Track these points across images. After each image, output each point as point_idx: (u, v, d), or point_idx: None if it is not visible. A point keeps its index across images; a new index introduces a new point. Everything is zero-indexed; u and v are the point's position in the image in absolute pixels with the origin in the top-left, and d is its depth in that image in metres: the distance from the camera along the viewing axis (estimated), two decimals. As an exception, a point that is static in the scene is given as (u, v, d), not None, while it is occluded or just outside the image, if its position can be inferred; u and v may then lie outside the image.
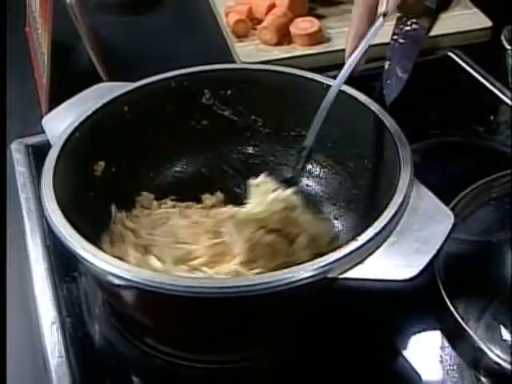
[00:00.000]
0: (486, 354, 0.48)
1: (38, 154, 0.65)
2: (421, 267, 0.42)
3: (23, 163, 0.65)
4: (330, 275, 0.41)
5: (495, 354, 0.48)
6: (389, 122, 0.51)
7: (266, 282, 0.41)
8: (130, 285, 0.42)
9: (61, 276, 0.54)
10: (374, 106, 0.54)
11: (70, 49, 0.77)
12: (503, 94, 0.73)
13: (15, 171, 0.64)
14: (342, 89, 0.55)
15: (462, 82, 0.76)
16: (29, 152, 0.66)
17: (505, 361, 0.47)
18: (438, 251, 0.43)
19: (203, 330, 0.46)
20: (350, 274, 0.42)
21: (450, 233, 0.44)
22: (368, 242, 0.42)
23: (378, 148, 0.52)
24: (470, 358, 0.48)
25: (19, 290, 0.54)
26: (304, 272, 0.41)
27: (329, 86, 0.55)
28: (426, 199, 0.46)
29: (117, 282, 0.43)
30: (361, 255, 0.42)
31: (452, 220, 0.45)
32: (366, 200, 0.52)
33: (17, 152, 0.66)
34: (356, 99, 0.54)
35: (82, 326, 0.51)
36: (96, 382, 0.48)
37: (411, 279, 0.41)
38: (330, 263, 0.41)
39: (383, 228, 0.43)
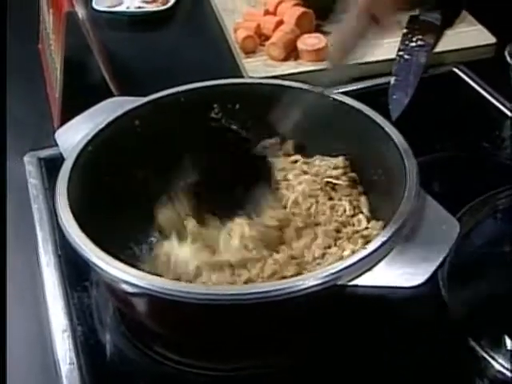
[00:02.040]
0: (490, 363, 0.48)
1: (49, 167, 0.67)
2: (427, 275, 0.42)
3: (36, 175, 0.66)
4: (339, 282, 0.42)
5: (499, 364, 0.48)
6: (395, 134, 0.52)
7: (277, 290, 0.41)
8: (143, 292, 0.43)
9: (72, 285, 0.55)
10: (380, 120, 0.55)
11: (81, 64, 0.78)
12: (507, 108, 0.74)
13: (28, 183, 0.66)
14: (348, 102, 0.57)
15: (467, 97, 0.77)
16: (41, 165, 0.68)
17: (509, 370, 0.48)
18: (444, 259, 0.43)
19: (213, 338, 0.46)
20: (359, 282, 0.43)
21: (455, 241, 0.45)
22: (376, 250, 0.43)
23: (384, 160, 0.53)
24: (474, 367, 0.49)
25: (31, 299, 0.55)
26: (314, 280, 0.42)
27: (335, 100, 0.56)
28: (432, 209, 0.47)
29: (130, 289, 0.44)
30: (369, 263, 0.43)
31: (458, 229, 0.46)
32: (374, 210, 0.53)
33: (29, 164, 0.68)
34: (362, 113, 0.55)
35: (93, 334, 0.52)
36: (107, 388, 0.49)
37: (418, 286, 0.42)
38: (340, 271, 0.42)
39: (391, 237, 0.44)
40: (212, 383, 0.49)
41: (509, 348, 0.49)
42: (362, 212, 0.54)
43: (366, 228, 0.52)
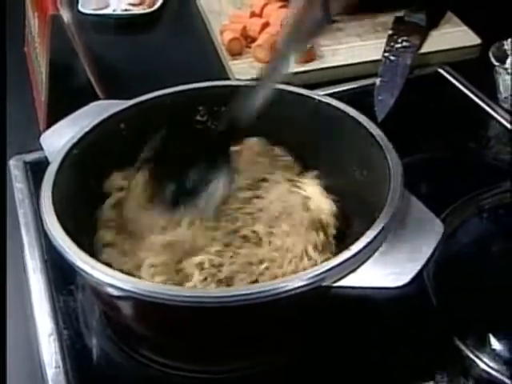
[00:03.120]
0: (475, 362, 0.49)
1: (35, 171, 0.67)
2: (412, 275, 0.43)
3: (21, 179, 0.66)
4: (324, 284, 0.42)
5: (484, 363, 0.48)
6: (379, 136, 0.53)
7: (262, 292, 0.42)
8: (128, 295, 0.43)
9: (58, 289, 0.55)
10: (364, 121, 0.55)
11: (67, 67, 0.78)
12: (492, 109, 0.74)
13: (13, 187, 0.66)
14: (334, 104, 0.57)
15: (452, 97, 0.77)
16: (27, 168, 0.67)
17: (494, 369, 0.48)
18: (429, 260, 0.44)
19: (199, 340, 0.46)
20: (344, 283, 0.43)
21: (439, 242, 0.45)
22: (360, 251, 0.43)
23: (369, 161, 0.53)
24: (460, 366, 0.49)
25: (18, 303, 0.55)
26: (299, 281, 0.42)
27: (320, 102, 0.56)
28: (416, 209, 0.47)
29: (115, 292, 0.43)
30: (354, 264, 0.43)
31: (441, 229, 0.46)
32: (358, 211, 0.53)
33: (15, 168, 0.67)
34: (347, 114, 0.55)
35: (79, 338, 0.52)
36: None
37: (402, 287, 0.42)
38: (324, 272, 0.42)
39: (375, 237, 0.44)
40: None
41: (493, 347, 0.50)
42: None
43: None
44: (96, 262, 0.44)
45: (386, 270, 0.43)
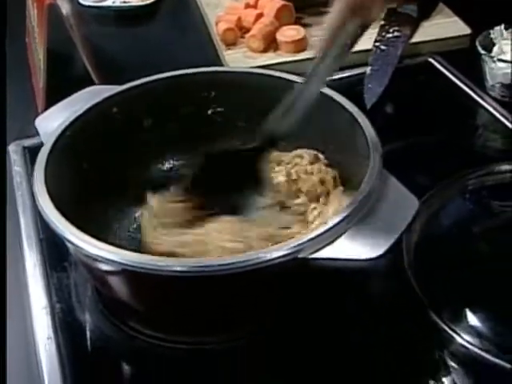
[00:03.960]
0: (451, 337, 0.50)
1: (33, 155, 0.68)
2: (385, 248, 0.44)
3: (20, 163, 0.68)
4: (300, 255, 0.44)
5: (461, 337, 0.50)
6: (361, 117, 0.54)
7: (241, 262, 0.44)
8: (115, 266, 0.45)
9: (52, 266, 0.57)
10: (345, 103, 0.57)
11: (65, 57, 0.80)
12: (480, 97, 0.76)
13: (12, 171, 0.68)
14: (331, 96, 0.59)
15: (441, 86, 0.79)
16: (25, 153, 0.70)
17: (470, 343, 0.50)
18: (402, 234, 0.45)
19: (183, 311, 0.48)
20: (320, 255, 0.45)
21: (414, 217, 0.47)
22: (337, 224, 0.45)
23: (350, 141, 0.55)
24: (436, 340, 0.51)
25: (13, 279, 0.57)
26: (276, 252, 0.44)
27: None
28: (393, 187, 0.49)
29: (102, 263, 0.46)
30: (330, 237, 0.45)
31: (416, 205, 0.48)
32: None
33: (14, 153, 0.70)
34: (329, 97, 0.57)
35: (71, 312, 0.54)
36: (83, 362, 0.51)
37: (376, 258, 0.44)
38: (301, 244, 0.44)
39: (351, 212, 0.46)
40: (184, 356, 0.51)
41: (470, 322, 0.51)
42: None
43: None
44: (84, 235, 0.46)
45: (360, 243, 0.45)
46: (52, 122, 0.57)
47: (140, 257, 0.45)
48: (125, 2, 0.94)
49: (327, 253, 0.45)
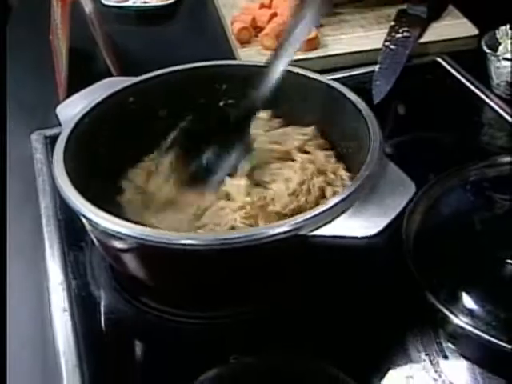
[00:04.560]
0: (447, 317, 0.52)
1: (54, 144, 0.72)
2: (380, 228, 0.47)
3: (41, 151, 0.72)
4: (301, 232, 0.47)
5: (456, 317, 0.52)
6: (362, 106, 0.57)
7: (244, 236, 0.46)
8: (128, 241, 0.48)
9: (70, 245, 0.61)
10: (351, 96, 0.59)
11: (86, 52, 0.84)
12: (486, 95, 0.78)
13: (34, 158, 0.71)
14: (324, 81, 0.62)
15: (448, 84, 0.81)
16: (46, 142, 0.73)
17: (465, 323, 0.52)
18: (397, 215, 0.48)
19: (189, 285, 0.51)
20: (319, 232, 0.47)
21: (410, 201, 0.50)
22: (336, 205, 0.48)
23: (355, 134, 0.57)
24: (432, 320, 0.53)
25: (33, 257, 0.60)
26: (277, 228, 0.47)
27: (311, 79, 0.61)
28: (392, 172, 0.52)
29: (117, 240, 0.49)
30: (329, 216, 0.48)
31: (413, 189, 0.50)
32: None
33: (36, 142, 0.74)
34: (331, 87, 0.60)
35: (86, 287, 0.57)
36: (96, 333, 0.54)
37: (371, 237, 0.47)
38: (301, 221, 0.47)
39: (351, 193, 0.49)
40: (192, 330, 0.54)
41: (465, 303, 0.53)
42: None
43: None
44: (100, 211, 0.49)
45: (357, 223, 0.48)
46: (72, 109, 0.61)
47: (153, 231, 0.48)
48: (145, 2, 0.98)
49: (326, 231, 0.47)
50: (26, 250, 0.61)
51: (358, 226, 0.47)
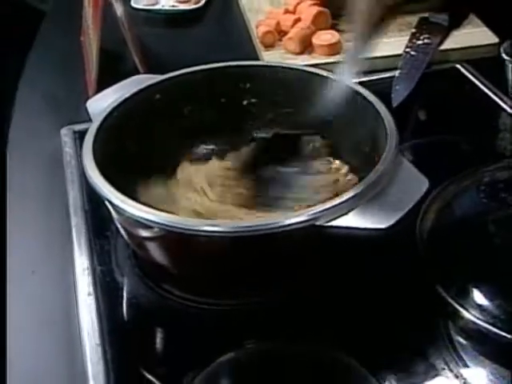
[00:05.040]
0: (457, 310, 0.54)
1: (82, 138, 0.74)
2: (393, 220, 0.49)
3: (70, 145, 0.75)
4: (317, 223, 0.49)
5: (467, 311, 0.54)
6: (378, 104, 0.59)
7: (264, 225, 0.49)
8: (154, 227, 0.51)
9: (95, 233, 0.63)
10: (369, 96, 0.61)
11: (116, 53, 0.87)
12: (504, 102, 0.79)
13: (63, 152, 0.74)
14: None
15: (467, 91, 0.83)
16: (75, 137, 0.76)
17: (476, 317, 0.53)
18: (410, 208, 0.50)
19: (209, 272, 0.54)
20: (335, 223, 0.49)
21: (423, 195, 0.51)
22: (351, 198, 0.50)
23: (368, 127, 0.59)
24: (442, 314, 0.54)
25: (60, 244, 0.63)
26: (295, 218, 0.49)
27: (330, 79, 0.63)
28: (406, 169, 0.54)
29: (143, 226, 0.51)
30: (344, 208, 0.50)
31: (427, 185, 0.52)
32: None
33: (66, 136, 0.76)
34: (356, 92, 0.62)
35: (110, 273, 0.59)
36: (119, 317, 0.56)
37: (384, 229, 0.48)
38: (318, 212, 0.49)
39: (365, 188, 0.51)
40: (211, 316, 0.56)
41: (475, 298, 0.55)
42: None
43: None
44: (126, 198, 0.51)
45: (371, 215, 0.50)
46: (101, 103, 0.64)
47: (177, 218, 0.51)
48: (173, 6, 1.01)
49: (341, 222, 0.49)
50: (54, 238, 0.64)
51: (371, 218, 0.49)
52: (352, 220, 0.49)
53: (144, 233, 0.54)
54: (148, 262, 0.58)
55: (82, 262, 0.60)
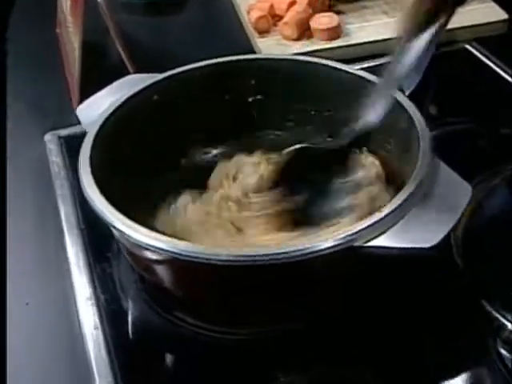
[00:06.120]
0: (504, 324, 0.49)
1: (69, 145, 0.69)
2: (440, 237, 0.44)
3: (56, 153, 0.68)
4: (355, 244, 0.43)
5: (514, 325, 0.49)
6: (408, 106, 0.53)
7: (294, 251, 0.43)
8: (165, 255, 0.45)
9: (95, 256, 0.57)
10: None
11: (98, 45, 0.80)
12: (521, 83, 0.74)
13: (49, 161, 0.67)
14: (365, 76, 0.58)
15: (480, 73, 0.77)
16: (61, 142, 0.69)
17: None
18: (457, 222, 0.45)
19: (229, 300, 0.48)
20: (374, 243, 0.44)
21: (469, 207, 0.46)
22: (390, 213, 0.45)
23: (397, 130, 0.54)
24: (488, 329, 0.50)
25: (56, 271, 0.56)
26: (331, 241, 0.43)
27: (340, 70, 0.58)
28: (445, 174, 0.48)
29: (152, 253, 0.45)
30: (384, 226, 0.44)
31: (470, 193, 0.47)
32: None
33: (50, 143, 0.69)
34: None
35: (115, 301, 0.53)
36: (129, 349, 0.51)
37: (432, 248, 0.43)
38: (356, 233, 0.44)
39: (405, 200, 0.45)
40: (227, 346, 0.50)
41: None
42: None
43: None
44: (133, 223, 0.45)
45: (414, 232, 0.44)
46: (93, 110, 0.57)
47: (188, 245, 0.45)
48: (155, -9, 0.94)
49: (381, 242, 0.44)
50: (48, 263, 0.57)
51: (415, 235, 0.44)
52: (393, 239, 0.44)
53: (152, 256, 0.48)
54: (156, 287, 0.52)
55: (83, 290, 0.54)
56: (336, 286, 0.49)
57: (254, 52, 0.81)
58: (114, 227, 0.46)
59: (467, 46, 0.80)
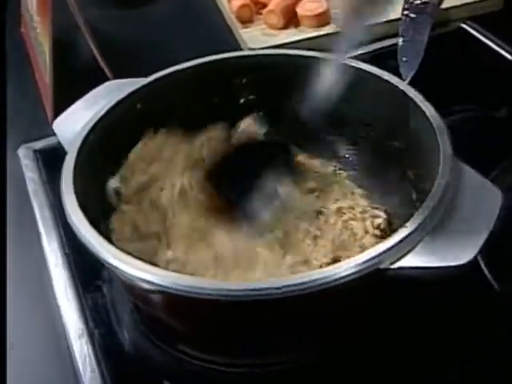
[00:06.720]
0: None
1: (46, 159, 0.63)
2: (474, 251, 0.39)
3: (33, 169, 0.62)
4: (382, 266, 0.39)
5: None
6: (424, 104, 0.49)
7: (314, 280, 0.38)
8: (164, 290, 0.39)
9: (84, 285, 0.52)
10: (401, 85, 0.51)
11: (72, 45, 0.74)
12: (522, 61, 0.70)
13: (25, 177, 0.62)
14: (378, 74, 0.54)
15: (479, 53, 0.73)
16: (37, 157, 0.63)
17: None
18: (491, 231, 0.40)
19: (238, 334, 0.43)
20: (402, 263, 0.39)
21: (500, 211, 0.42)
22: (417, 228, 0.40)
23: (414, 130, 0.49)
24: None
25: (41, 304, 0.51)
26: (354, 266, 0.38)
27: (357, 68, 0.53)
28: (469, 178, 0.44)
29: (152, 288, 0.40)
30: (411, 243, 0.39)
31: (500, 197, 0.42)
32: (406, 184, 0.50)
33: (25, 158, 0.63)
34: (388, 82, 0.52)
35: (112, 336, 0.48)
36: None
37: (466, 264, 0.39)
38: (381, 254, 0.39)
39: (431, 212, 0.40)
40: (236, 380, 0.46)
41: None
42: None
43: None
44: (127, 256, 0.40)
45: (444, 248, 0.40)
46: (71, 123, 0.51)
47: (188, 280, 0.39)
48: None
49: (409, 261, 0.39)
50: (32, 298, 0.52)
51: (445, 251, 0.39)
52: (422, 258, 0.39)
53: (152, 293, 0.42)
54: (155, 320, 0.47)
55: (73, 325, 0.49)
56: (357, 312, 0.44)
57: (237, 43, 0.76)
58: (111, 265, 0.41)
59: (464, 26, 0.76)
